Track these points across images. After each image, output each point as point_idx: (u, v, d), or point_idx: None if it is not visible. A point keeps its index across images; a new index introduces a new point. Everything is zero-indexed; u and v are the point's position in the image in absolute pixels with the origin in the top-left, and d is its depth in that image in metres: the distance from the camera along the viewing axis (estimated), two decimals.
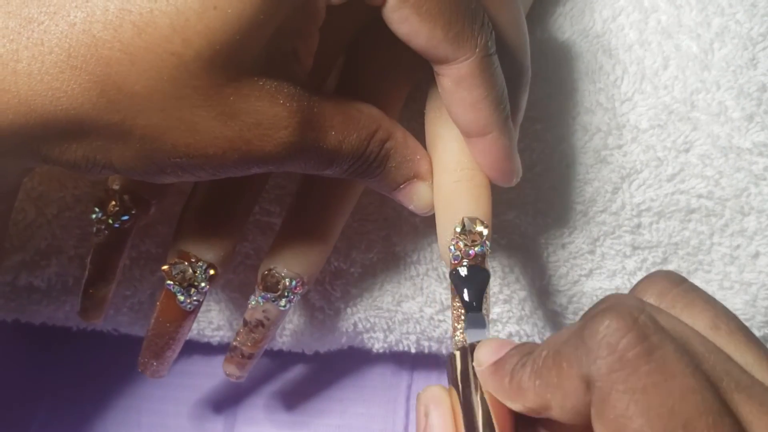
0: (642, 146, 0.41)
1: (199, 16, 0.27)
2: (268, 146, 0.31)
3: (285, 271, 0.37)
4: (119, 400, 0.49)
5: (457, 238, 0.34)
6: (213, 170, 0.31)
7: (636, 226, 0.42)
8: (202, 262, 0.37)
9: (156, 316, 0.38)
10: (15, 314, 0.47)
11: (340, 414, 0.49)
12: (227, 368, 0.40)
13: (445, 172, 0.35)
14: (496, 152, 0.34)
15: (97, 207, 0.38)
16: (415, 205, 0.36)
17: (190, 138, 0.30)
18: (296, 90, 0.31)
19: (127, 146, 0.30)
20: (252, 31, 0.28)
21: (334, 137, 0.32)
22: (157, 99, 0.28)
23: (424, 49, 0.32)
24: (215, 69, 0.28)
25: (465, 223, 0.34)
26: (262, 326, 0.38)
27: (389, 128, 0.35)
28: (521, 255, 0.43)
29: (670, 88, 0.41)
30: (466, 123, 0.34)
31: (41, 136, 0.29)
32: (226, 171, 0.31)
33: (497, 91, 0.33)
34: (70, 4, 0.28)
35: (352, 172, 0.34)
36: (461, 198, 0.35)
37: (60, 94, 0.28)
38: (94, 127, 0.29)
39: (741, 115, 0.41)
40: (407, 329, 0.45)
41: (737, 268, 0.42)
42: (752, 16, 0.42)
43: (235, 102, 0.29)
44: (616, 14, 0.43)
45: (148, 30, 0.27)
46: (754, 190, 0.41)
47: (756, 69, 0.41)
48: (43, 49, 0.28)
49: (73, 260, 0.44)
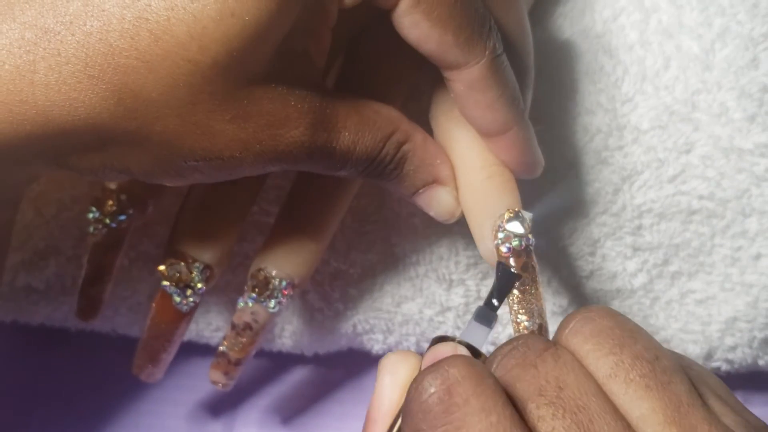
0: (643, 147, 0.41)
1: (217, 23, 0.28)
2: (281, 146, 0.31)
3: (275, 271, 0.37)
4: (118, 400, 0.49)
5: (504, 231, 0.34)
6: (229, 171, 0.32)
7: (637, 227, 0.42)
8: (198, 263, 0.37)
9: (152, 317, 0.38)
10: (13, 315, 0.47)
11: (340, 416, 0.49)
12: (213, 375, 0.40)
13: (473, 171, 0.35)
14: (519, 147, 0.35)
15: (94, 206, 0.38)
16: (436, 211, 0.36)
17: (206, 142, 0.30)
18: (308, 91, 0.31)
19: (145, 152, 0.30)
20: (266, 36, 0.29)
21: (347, 138, 0.32)
22: (173, 105, 0.29)
23: (435, 54, 0.32)
24: (230, 74, 0.29)
25: (510, 214, 0.34)
26: (250, 329, 0.38)
27: (408, 131, 0.34)
28: None
29: (671, 89, 0.41)
30: (484, 124, 0.34)
31: (59, 145, 0.29)
32: (242, 171, 0.32)
33: (510, 89, 0.33)
34: (86, 13, 0.28)
35: (367, 174, 0.34)
36: (497, 192, 0.35)
37: (78, 104, 0.28)
38: (112, 134, 0.29)
39: (742, 116, 0.41)
40: (407, 331, 0.45)
41: (738, 270, 0.42)
42: (753, 16, 0.42)
43: (249, 105, 0.30)
44: (617, 14, 0.42)
45: (165, 38, 0.28)
46: (756, 192, 0.41)
47: (757, 69, 0.41)
48: (60, 59, 0.28)
49: (71, 261, 0.44)
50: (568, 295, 0.44)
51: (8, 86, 0.28)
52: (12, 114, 0.28)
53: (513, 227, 0.34)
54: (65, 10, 0.28)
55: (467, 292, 0.44)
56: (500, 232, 0.34)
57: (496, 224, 0.34)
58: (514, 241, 0.34)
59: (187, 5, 0.27)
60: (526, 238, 0.34)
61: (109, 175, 0.31)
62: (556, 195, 0.42)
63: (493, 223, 0.34)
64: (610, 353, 0.27)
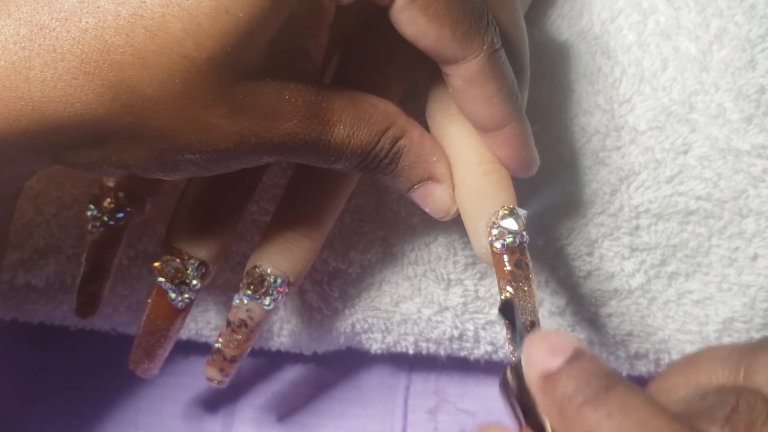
0: (640, 148, 0.41)
1: (212, 20, 0.28)
2: (275, 138, 0.31)
3: (270, 268, 0.37)
4: (117, 399, 0.49)
5: (498, 228, 0.34)
6: (225, 163, 0.32)
7: (634, 227, 0.42)
8: (194, 260, 0.37)
9: (147, 313, 0.38)
10: (13, 313, 0.47)
11: (338, 415, 0.49)
12: (208, 372, 0.40)
13: (470, 167, 0.35)
14: (515, 142, 0.35)
15: (92, 204, 0.38)
16: (431, 208, 0.36)
17: (202, 135, 0.30)
18: (303, 85, 0.31)
19: (142, 146, 0.30)
20: (260, 32, 0.29)
21: (342, 131, 0.33)
22: (169, 100, 0.29)
23: (433, 49, 0.32)
24: (226, 70, 0.29)
25: (504, 211, 0.34)
26: (245, 326, 0.38)
27: (404, 126, 0.35)
28: None
29: (668, 90, 0.41)
30: (482, 119, 0.34)
31: (55, 141, 0.30)
32: (238, 163, 0.32)
33: (508, 84, 0.34)
34: (81, 10, 0.28)
35: (362, 168, 0.34)
36: (492, 189, 0.35)
37: (74, 100, 0.28)
38: (109, 130, 0.29)
39: (740, 117, 0.41)
40: (405, 330, 0.45)
41: (736, 270, 0.42)
42: (751, 17, 0.42)
43: (244, 99, 0.30)
44: (615, 16, 0.43)
45: (160, 34, 0.28)
46: (753, 192, 0.41)
47: (755, 71, 0.41)
48: (55, 55, 0.28)
49: (71, 259, 0.44)
50: (566, 296, 0.44)
51: (4, 82, 0.28)
52: (8, 110, 0.28)
53: (507, 224, 0.34)
54: (60, 6, 0.28)
55: (465, 291, 0.44)
56: (494, 229, 0.34)
57: (491, 221, 0.34)
58: (508, 238, 0.34)
59: (182, 2, 0.28)
60: (520, 235, 0.34)
61: (106, 170, 0.31)
62: (551, 192, 0.42)
63: (488, 219, 0.34)
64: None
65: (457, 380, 0.49)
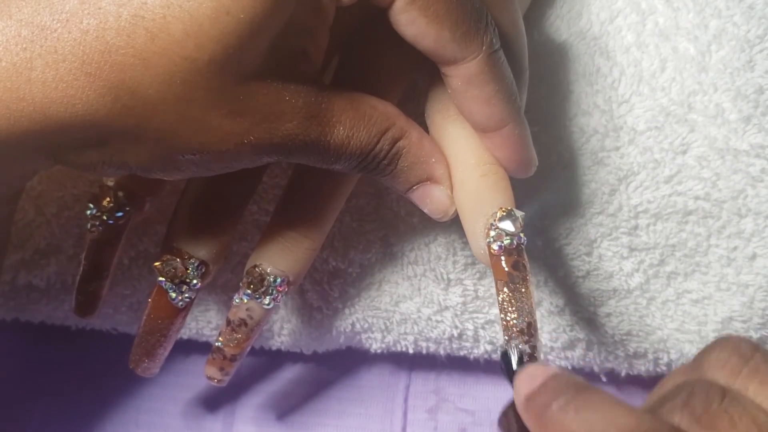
0: (639, 148, 0.41)
1: (213, 21, 0.28)
2: (275, 139, 0.31)
3: (270, 268, 0.37)
4: (117, 398, 0.49)
5: (496, 229, 0.34)
6: (226, 163, 0.32)
7: (633, 227, 0.42)
8: (194, 259, 0.37)
9: (148, 312, 0.38)
10: (14, 313, 0.47)
11: (338, 414, 0.49)
12: (208, 371, 0.40)
13: (468, 169, 0.36)
14: (514, 143, 0.35)
15: (92, 203, 0.38)
16: (430, 209, 0.36)
17: (203, 136, 0.30)
18: (303, 86, 0.32)
19: (143, 147, 0.30)
20: (261, 33, 0.29)
21: (341, 132, 0.33)
22: (170, 102, 0.29)
23: (432, 50, 0.32)
24: (226, 71, 0.29)
25: (502, 213, 0.34)
26: (245, 325, 0.38)
27: (404, 127, 0.35)
28: None
29: (667, 90, 0.41)
30: (481, 119, 0.34)
31: (57, 142, 0.30)
32: (238, 163, 0.32)
33: (507, 84, 0.34)
34: (82, 11, 0.28)
35: (361, 168, 0.35)
36: (491, 191, 0.35)
37: (75, 101, 0.28)
38: (110, 131, 0.29)
39: (738, 117, 0.41)
40: (405, 330, 0.46)
41: (734, 270, 0.42)
42: (749, 18, 0.42)
43: (244, 100, 0.30)
44: (614, 16, 0.43)
45: (161, 35, 0.28)
46: (752, 192, 0.41)
47: (753, 71, 0.41)
48: (56, 56, 0.28)
49: (72, 259, 0.44)
50: (565, 295, 0.44)
51: (5, 83, 0.28)
52: (9, 111, 0.28)
53: (505, 225, 0.34)
54: (62, 7, 0.28)
55: (465, 291, 0.44)
56: (492, 230, 0.34)
57: (489, 222, 0.34)
58: (505, 240, 0.34)
59: (183, 3, 0.28)
60: (518, 236, 0.34)
61: (107, 171, 0.31)
62: (550, 193, 0.42)
63: (486, 221, 0.34)
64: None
65: (456, 379, 0.49)
